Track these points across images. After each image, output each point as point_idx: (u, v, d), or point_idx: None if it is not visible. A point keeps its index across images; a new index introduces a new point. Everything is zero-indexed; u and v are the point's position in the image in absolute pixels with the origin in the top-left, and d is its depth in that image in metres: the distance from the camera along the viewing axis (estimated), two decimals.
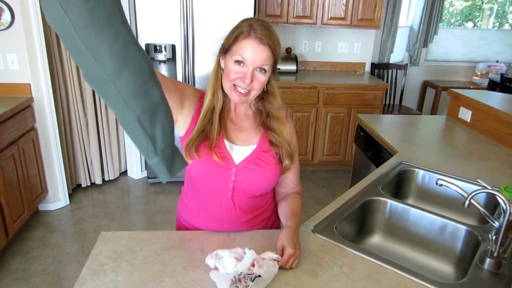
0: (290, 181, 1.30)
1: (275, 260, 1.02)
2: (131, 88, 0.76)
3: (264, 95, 1.21)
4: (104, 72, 0.72)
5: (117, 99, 0.76)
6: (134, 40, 0.77)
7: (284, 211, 1.24)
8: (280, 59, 1.14)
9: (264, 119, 1.23)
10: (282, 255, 1.05)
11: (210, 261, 1.02)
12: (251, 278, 0.94)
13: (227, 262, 1.00)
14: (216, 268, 1.00)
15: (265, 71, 1.10)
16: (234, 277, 0.96)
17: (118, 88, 0.74)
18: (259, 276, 0.94)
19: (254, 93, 1.13)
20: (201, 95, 1.22)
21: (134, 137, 0.81)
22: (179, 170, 0.87)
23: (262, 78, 1.10)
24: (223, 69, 1.14)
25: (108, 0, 0.73)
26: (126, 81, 0.75)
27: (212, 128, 1.15)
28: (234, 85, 1.11)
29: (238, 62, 1.08)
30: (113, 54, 0.72)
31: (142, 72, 0.78)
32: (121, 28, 0.73)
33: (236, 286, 0.94)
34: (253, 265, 0.99)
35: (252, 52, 1.07)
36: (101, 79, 0.73)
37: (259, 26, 1.08)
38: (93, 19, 0.70)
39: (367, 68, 4.31)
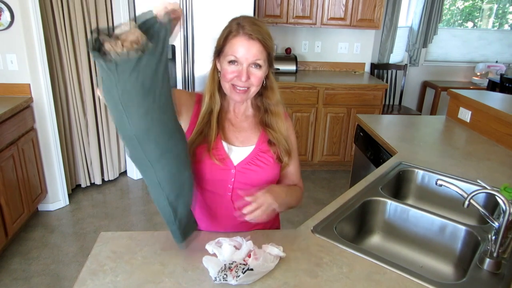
0: (291, 178, 1.31)
1: (276, 255, 1.02)
2: (165, 172, 0.89)
3: (262, 91, 1.21)
4: (146, 157, 0.84)
5: (153, 178, 0.89)
6: (178, 126, 0.91)
7: None
8: (273, 51, 1.15)
9: (262, 115, 1.23)
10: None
11: (209, 247, 1.03)
12: (242, 270, 0.94)
13: (224, 249, 1.01)
14: (214, 254, 1.01)
15: (260, 66, 1.10)
16: (225, 265, 0.97)
17: (155, 171, 0.87)
18: (251, 269, 0.94)
19: (254, 89, 1.14)
20: (197, 98, 1.22)
21: (159, 205, 0.96)
22: (190, 234, 1.05)
23: (258, 73, 1.11)
24: (220, 71, 1.15)
25: (164, 94, 0.83)
26: (162, 167, 0.87)
27: (210, 130, 1.15)
28: (233, 85, 1.11)
29: (231, 62, 1.09)
30: (158, 143, 0.84)
31: (179, 158, 0.91)
32: (170, 120, 0.85)
33: (225, 274, 0.94)
34: (249, 256, 0.98)
35: (243, 49, 1.07)
36: (143, 163, 0.86)
37: (247, 22, 1.09)
38: (148, 115, 0.81)
39: (367, 68, 4.32)
